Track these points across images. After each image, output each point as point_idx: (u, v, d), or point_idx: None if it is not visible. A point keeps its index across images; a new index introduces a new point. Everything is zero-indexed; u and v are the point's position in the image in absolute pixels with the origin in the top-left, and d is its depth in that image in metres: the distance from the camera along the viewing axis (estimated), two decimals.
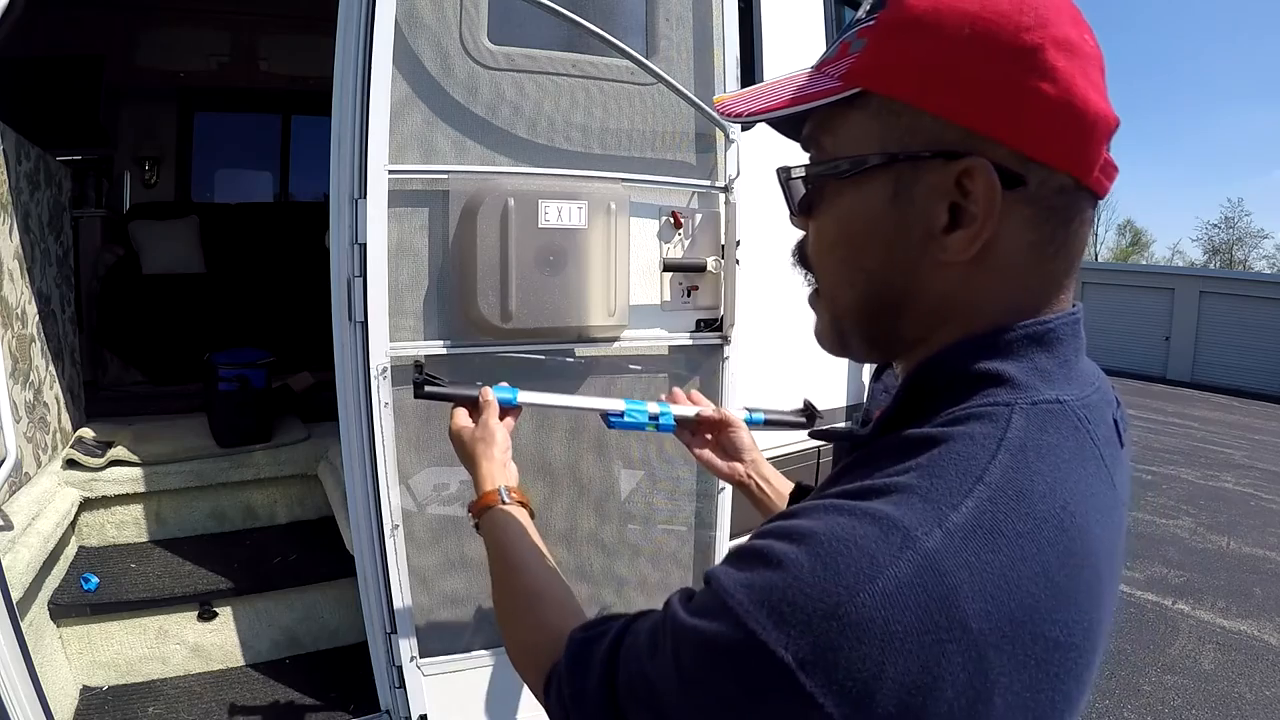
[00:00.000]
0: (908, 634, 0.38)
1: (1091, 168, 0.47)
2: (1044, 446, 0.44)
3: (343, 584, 2.21)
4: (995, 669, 0.39)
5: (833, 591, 0.38)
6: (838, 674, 0.38)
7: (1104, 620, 0.44)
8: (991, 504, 0.41)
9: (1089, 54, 0.46)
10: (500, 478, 0.84)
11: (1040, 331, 0.48)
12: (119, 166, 4.27)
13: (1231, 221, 33.04)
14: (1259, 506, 5.98)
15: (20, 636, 1.36)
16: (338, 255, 1.50)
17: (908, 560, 0.39)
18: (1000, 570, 0.39)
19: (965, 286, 0.49)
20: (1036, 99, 0.45)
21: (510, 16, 1.59)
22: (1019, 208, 0.47)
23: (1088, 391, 0.49)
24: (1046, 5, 0.46)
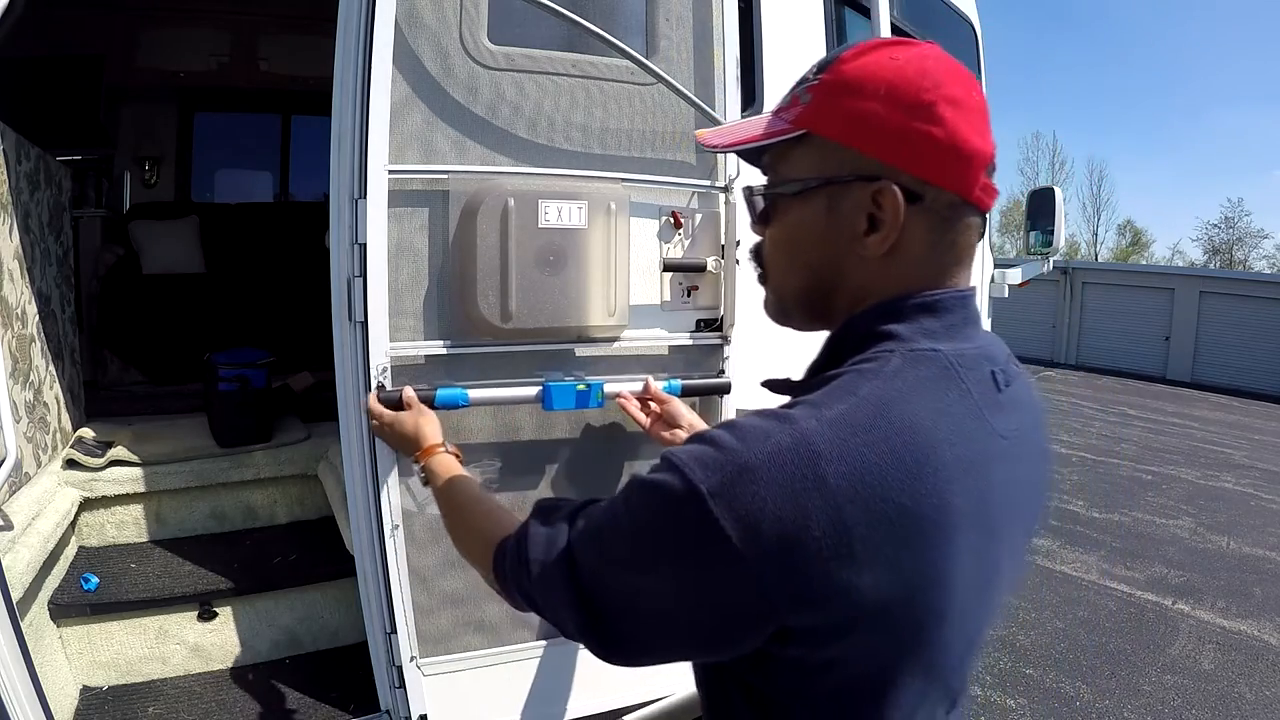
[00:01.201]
0: (784, 481, 0.53)
1: (972, 189, 0.65)
2: (911, 377, 0.60)
3: (343, 584, 2.21)
4: (850, 519, 0.53)
5: (739, 450, 0.55)
6: (735, 504, 0.53)
7: (955, 504, 0.57)
8: (857, 407, 0.57)
9: (973, 107, 0.64)
10: (438, 437, 1.14)
11: (929, 302, 0.65)
12: (119, 166, 4.27)
13: (1231, 221, 33.04)
14: (1259, 506, 5.98)
15: (20, 636, 1.36)
16: (338, 255, 1.50)
17: (789, 434, 0.55)
18: (855, 448, 0.55)
19: (880, 275, 0.66)
20: (930, 140, 0.63)
21: (510, 16, 1.59)
22: (918, 217, 0.64)
23: (966, 347, 0.65)
24: (942, 72, 0.64)
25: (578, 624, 0.64)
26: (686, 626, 0.59)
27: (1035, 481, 0.70)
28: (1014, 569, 0.68)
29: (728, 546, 0.53)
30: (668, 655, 0.63)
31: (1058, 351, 15.58)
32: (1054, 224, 3.32)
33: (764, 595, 0.54)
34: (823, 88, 0.67)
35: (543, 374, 1.62)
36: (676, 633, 0.60)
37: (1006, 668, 3.29)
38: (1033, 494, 0.70)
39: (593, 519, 0.65)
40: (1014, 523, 0.65)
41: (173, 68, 4.22)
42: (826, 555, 0.52)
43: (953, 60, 0.66)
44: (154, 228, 3.92)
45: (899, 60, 0.64)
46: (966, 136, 0.63)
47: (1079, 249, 35.18)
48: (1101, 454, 7.41)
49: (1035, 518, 0.72)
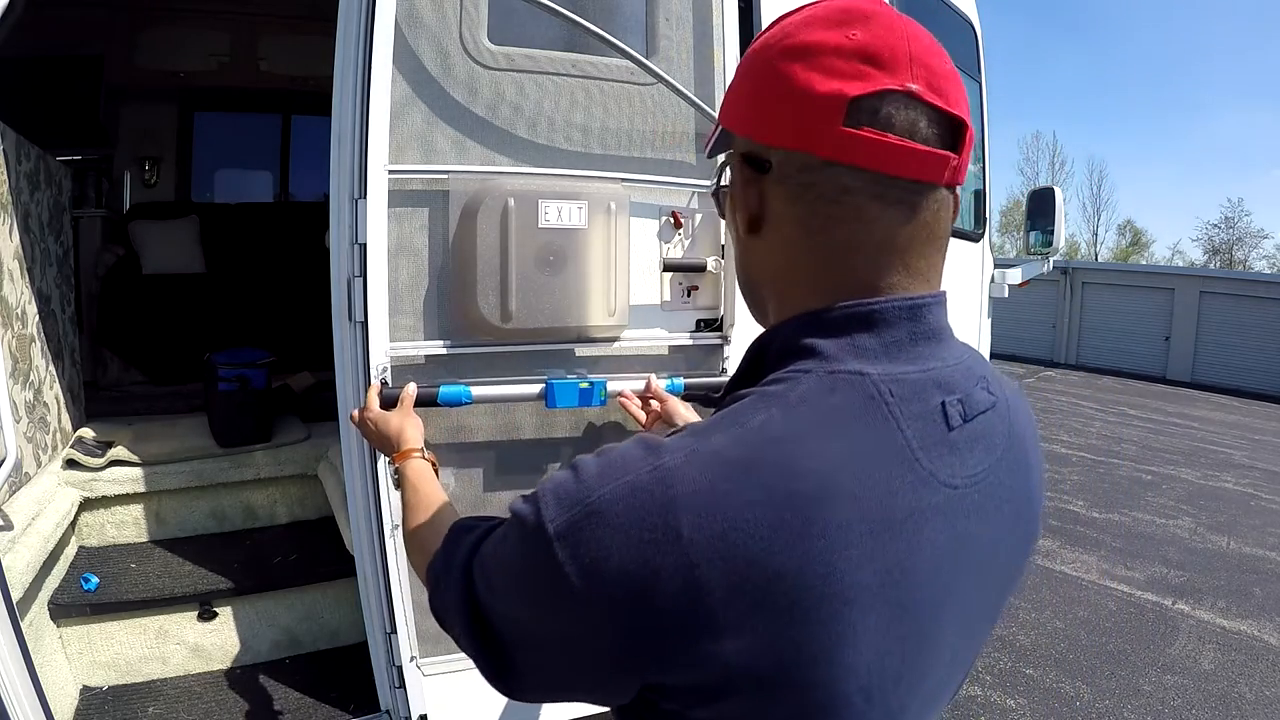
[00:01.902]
0: (630, 527, 0.45)
1: (823, 142, 0.52)
2: (821, 409, 0.49)
3: (343, 584, 2.21)
4: (706, 581, 0.44)
5: (593, 487, 0.47)
6: (580, 550, 0.46)
7: (852, 575, 0.46)
8: (737, 441, 0.47)
9: (832, 48, 0.52)
10: (419, 443, 1.12)
11: (863, 313, 0.53)
12: (119, 166, 4.27)
13: (1231, 221, 33.05)
14: (1259, 506, 5.98)
15: (20, 636, 1.36)
16: (338, 255, 1.50)
17: (648, 471, 0.46)
18: (722, 494, 0.45)
19: (768, 259, 0.58)
20: (768, 98, 0.54)
21: (510, 16, 1.59)
22: (775, 186, 0.55)
23: (908, 371, 0.52)
24: (796, 21, 0.55)
25: (471, 651, 0.58)
26: (555, 667, 0.53)
27: (1002, 536, 0.57)
28: (966, 640, 0.57)
29: (574, 594, 0.46)
30: (551, 694, 0.56)
31: (1058, 351, 15.58)
32: (1054, 224, 3.32)
33: (616, 648, 0.47)
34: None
35: (545, 372, 1.63)
36: (549, 672, 0.54)
37: (1006, 668, 3.29)
38: (997, 551, 0.56)
39: (486, 545, 0.58)
40: (962, 589, 0.53)
41: (173, 68, 4.21)
42: (679, 618, 0.45)
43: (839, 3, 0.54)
44: (154, 228, 3.92)
45: (775, 24, 0.57)
46: (805, 84, 0.51)
47: (1079, 249, 35.20)
48: (1101, 454, 7.41)
49: (1005, 578, 0.60)
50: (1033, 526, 0.61)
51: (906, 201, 0.53)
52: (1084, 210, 35.44)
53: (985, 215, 3.20)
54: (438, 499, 0.90)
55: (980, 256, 3.15)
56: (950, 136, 0.53)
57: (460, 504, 1.66)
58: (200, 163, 4.49)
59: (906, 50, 0.52)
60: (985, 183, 3.24)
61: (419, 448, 1.10)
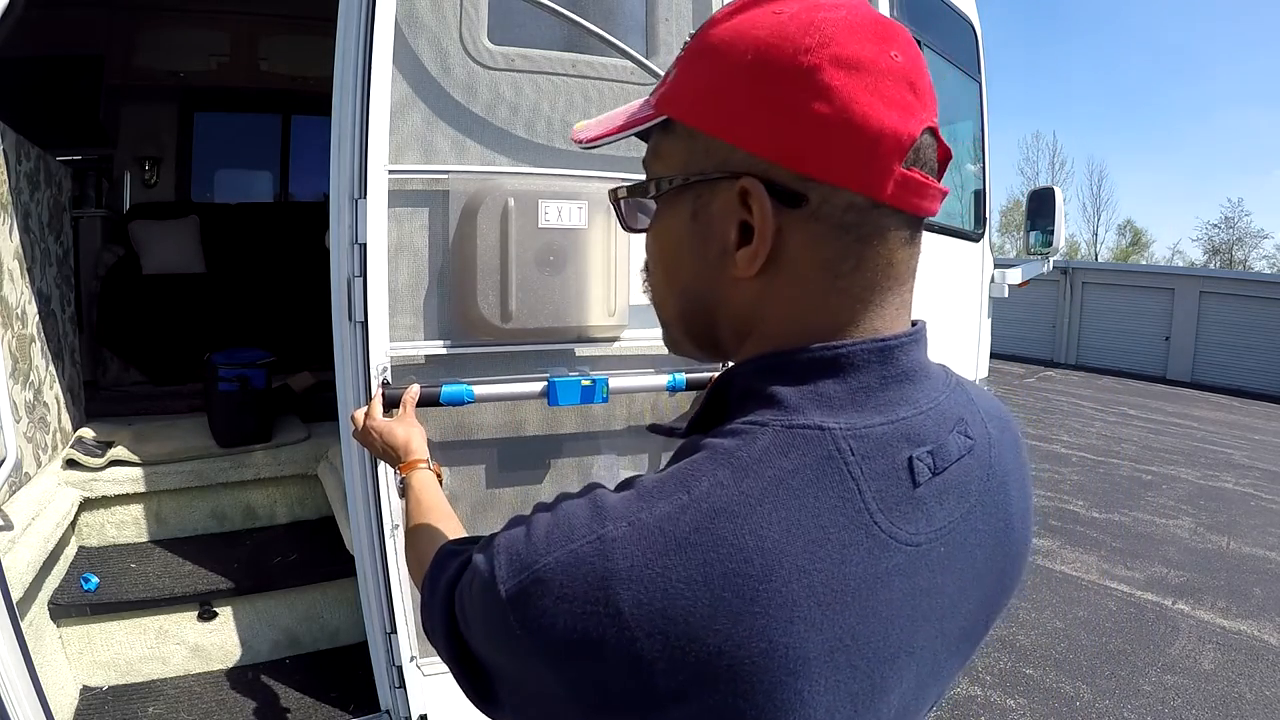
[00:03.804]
0: (573, 598, 0.44)
1: (881, 184, 0.47)
2: (772, 473, 0.46)
3: (343, 584, 2.21)
4: (647, 652, 0.43)
5: (539, 551, 0.46)
6: (528, 615, 0.45)
7: (798, 649, 0.44)
8: (681, 511, 0.45)
9: (883, 69, 0.46)
10: (425, 453, 1.09)
11: (829, 357, 0.49)
12: (119, 166, 4.27)
13: (1231, 221, 33.03)
14: (1259, 506, 5.98)
15: (20, 636, 1.36)
16: (338, 255, 1.50)
17: (591, 540, 0.45)
18: (661, 570, 0.43)
19: (762, 300, 0.51)
20: (809, 119, 0.46)
21: (510, 17, 1.59)
22: (805, 224, 0.48)
23: (875, 422, 0.49)
24: (836, 24, 0.47)
25: (455, 674, 0.58)
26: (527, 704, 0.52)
27: (970, 582, 0.54)
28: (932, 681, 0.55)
29: (529, 653, 0.47)
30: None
31: (1058, 351, 15.59)
32: (1054, 224, 3.32)
33: (572, 703, 0.47)
34: (685, 58, 0.53)
35: (547, 370, 1.63)
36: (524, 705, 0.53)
37: (1006, 668, 3.29)
38: (964, 597, 0.54)
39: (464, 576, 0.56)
40: (921, 639, 0.51)
41: (173, 68, 4.22)
42: (623, 687, 0.44)
43: (869, 10, 0.49)
44: (154, 228, 3.92)
45: (782, 15, 0.48)
46: (866, 111, 0.46)
47: (1079, 249, 35.19)
48: (1101, 454, 7.41)
49: (975, 622, 0.57)
50: (1013, 564, 0.59)
51: (916, 238, 0.51)
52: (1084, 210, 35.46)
53: (985, 215, 3.20)
54: (439, 511, 0.90)
55: (980, 256, 3.15)
56: (938, 166, 0.50)
57: (466, 501, 1.67)
58: (200, 163, 4.49)
59: (926, 76, 0.48)
60: (985, 183, 3.24)
61: (425, 458, 1.08)
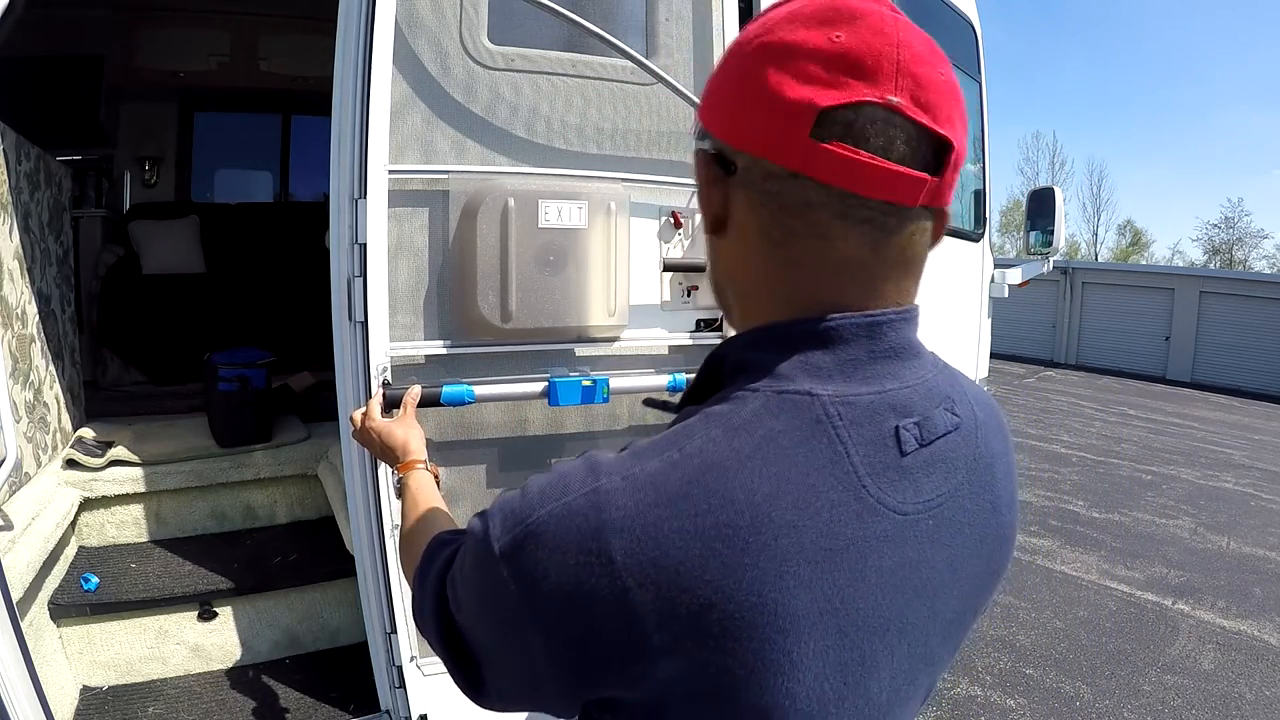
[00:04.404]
0: (565, 549, 0.46)
1: (788, 154, 0.49)
2: (762, 432, 0.48)
3: (343, 584, 2.21)
4: (639, 603, 0.45)
5: (534, 507, 0.48)
6: (521, 568, 0.47)
7: (787, 603, 0.46)
8: (673, 466, 0.47)
9: (811, 50, 0.49)
10: (423, 453, 1.11)
11: (819, 330, 0.51)
12: (119, 166, 4.27)
13: (1231, 221, 33.03)
14: (1259, 506, 5.98)
15: (20, 636, 1.36)
16: (338, 255, 1.50)
17: (583, 494, 0.47)
18: (653, 521, 0.45)
19: (725, 261, 0.57)
20: (738, 97, 0.52)
21: (510, 17, 1.59)
22: (739, 191, 0.53)
23: (862, 391, 0.51)
24: (780, 16, 0.51)
25: (446, 663, 0.59)
26: (514, 681, 0.54)
27: (961, 560, 0.55)
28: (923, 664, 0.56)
29: (519, 610, 0.48)
30: (517, 706, 0.57)
31: (1058, 351, 15.58)
32: (1054, 224, 3.32)
33: (559, 665, 0.48)
34: None
35: (548, 370, 1.63)
36: (511, 685, 0.55)
37: (1006, 668, 3.29)
38: (956, 575, 0.55)
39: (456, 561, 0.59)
40: (913, 615, 0.52)
41: (173, 68, 4.22)
42: (615, 637, 0.46)
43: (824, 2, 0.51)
44: (154, 228, 3.92)
45: (763, 14, 0.54)
46: (778, 87, 0.48)
47: (1079, 249, 35.19)
48: (1101, 454, 7.41)
49: (967, 601, 0.57)
50: (1001, 548, 0.60)
51: (875, 222, 0.50)
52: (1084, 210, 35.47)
53: (985, 215, 3.20)
54: (435, 510, 0.91)
55: (980, 256, 3.15)
56: (933, 155, 0.49)
57: (468, 499, 1.67)
58: (200, 163, 4.49)
59: (894, 58, 0.48)
60: (985, 183, 3.24)
61: (422, 459, 1.10)
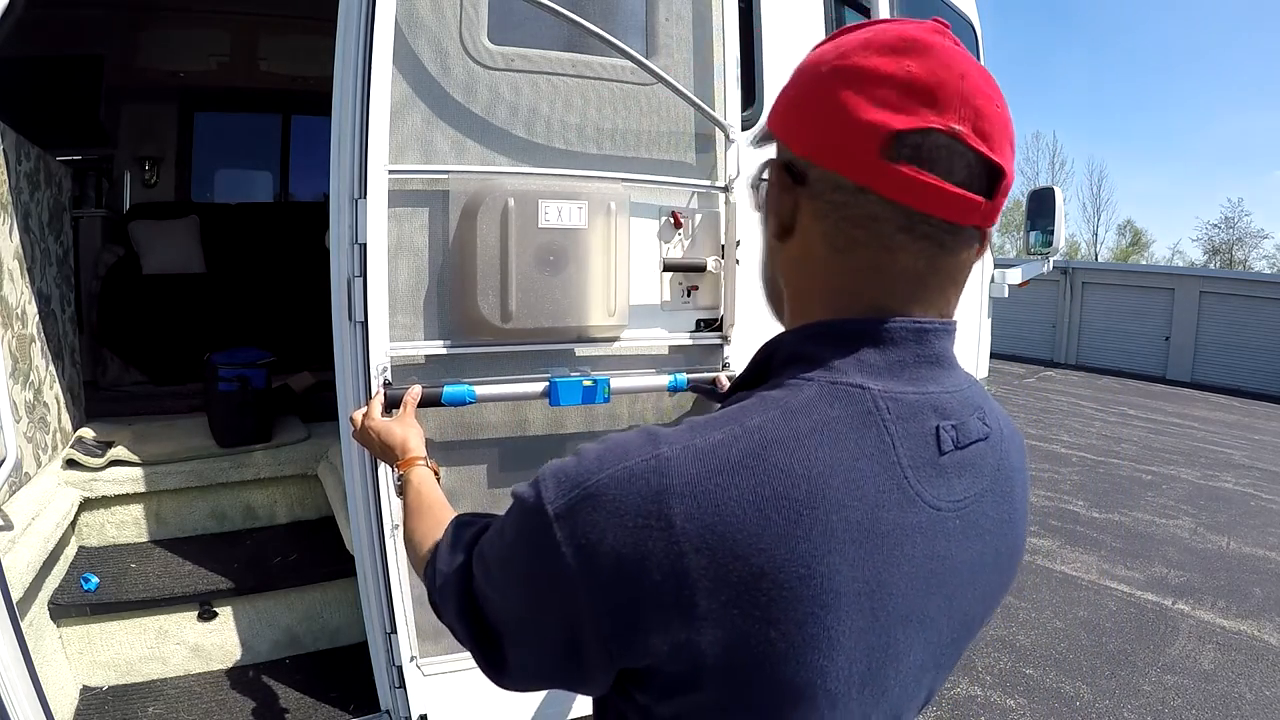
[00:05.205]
0: (625, 511, 0.47)
1: (858, 169, 0.53)
2: (819, 417, 0.51)
3: (343, 584, 2.21)
4: (693, 569, 0.46)
5: (592, 470, 0.50)
6: (576, 530, 0.49)
7: (833, 579, 0.48)
8: (735, 440, 0.49)
9: (884, 76, 0.52)
10: (423, 451, 1.13)
11: (871, 330, 0.55)
12: (119, 166, 4.27)
13: (1231, 221, 33.02)
14: (1259, 506, 5.98)
15: (20, 636, 1.36)
16: (338, 255, 1.50)
17: (645, 459, 0.49)
18: (714, 488, 0.47)
19: (788, 264, 0.60)
20: (814, 113, 0.55)
21: (510, 17, 1.59)
22: (809, 201, 0.57)
23: (908, 390, 0.54)
24: (857, 41, 0.55)
25: (467, 642, 0.60)
26: (543, 653, 0.55)
27: (978, 564, 0.57)
28: (932, 662, 0.58)
29: (567, 571, 0.49)
30: (539, 682, 0.59)
31: (1058, 351, 15.58)
32: (1054, 224, 3.32)
33: (601, 629, 0.49)
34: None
35: (548, 370, 1.63)
36: (538, 659, 0.56)
37: (1006, 668, 3.29)
38: (973, 578, 0.57)
39: (487, 534, 0.60)
40: (932, 610, 0.54)
41: (173, 68, 4.22)
42: (664, 602, 0.47)
43: (900, 28, 0.55)
44: (154, 228, 3.92)
45: (834, 38, 0.58)
46: (853, 108, 0.52)
47: (1079, 249, 35.18)
48: (1101, 454, 7.41)
49: (976, 606, 0.60)
50: (1012, 559, 0.62)
51: (934, 238, 0.54)
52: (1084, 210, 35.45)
53: None
54: (440, 504, 0.93)
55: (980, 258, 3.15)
56: (987, 180, 0.53)
57: (469, 499, 1.67)
58: (200, 163, 4.49)
59: (959, 89, 0.52)
60: None
61: (422, 456, 1.11)
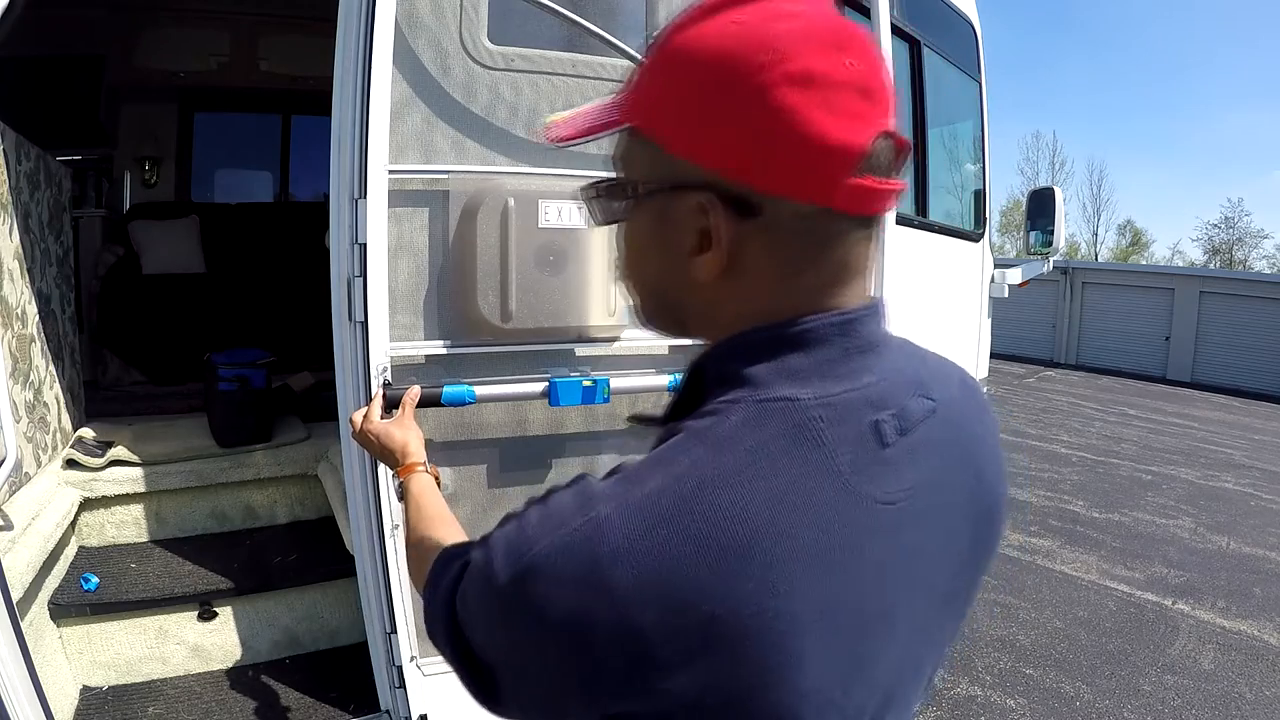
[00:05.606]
0: (566, 581, 0.46)
1: (830, 194, 0.49)
2: (748, 444, 0.48)
3: (343, 584, 2.21)
4: (646, 625, 0.45)
5: (533, 540, 0.48)
6: (522, 601, 0.48)
7: (788, 608, 0.46)
8: (665, 489, 0.47)
9: (836, 80, 0.47)
10: (422, 455, 1.10)
11: (794, 333, 0.52)
12: (119, 166, 4.27)
13: (1231, 221, 33.03)
14: (1259, 506, 5.98)
15: (20, 636, 1.37)
16: (338, 255, 1.50)
17: (579, 526, 0.47)
18: (651, 545, 0.45)
19: (724, 299, 0.54)
20: (762, 136, 0.48)
21: (510, 17, 1.59)
22: (761, 233, 0.51)
23: (839, 391, 0.51)
24: (791, 36, 0.47)
25: (459, 674, 0.60)
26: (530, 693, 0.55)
27: (951, 537, 0.57)
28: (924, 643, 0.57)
29: (528, 638, 0.49)
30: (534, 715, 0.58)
31: (1058, 351, 15.58)
32: (1054, 224, 3.32)
33: (572, 684, 0.49)
34: (645, 66, 0.54)
35: (548, 370, 1.63)
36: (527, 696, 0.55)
37: (1006, 668, 3.29)
38: (947, 552, 0.57)
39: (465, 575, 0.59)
40: (913, 597, 0.54)
41: (173, 68, 4.22)
42: (622, 662, 0.46)
43: (828, 16, 0.49)
44: (154, 228, 3.92)
45: (741, 24, 0.49)
46: (819, 127, 0.47)
47: (1079, 249, 35.19)
48: (1101, 454, 7.41)
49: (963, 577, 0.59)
50: (991, 519, 0.61)
51: (874, 234, 0.53)
52: (1084, 210, 35.45)
53: (985, 215, 3.20)
54: (438, 517, 0.92)
55: (980, 256, 3.16)
56: (895, 159, 0.52)
57: (469, 499, 1.67)
58: (200, 163, 4.50)
59: (883, 78, 0.49)
60: (985, 183, 3.24)
61: (422, 461, 1.10)
